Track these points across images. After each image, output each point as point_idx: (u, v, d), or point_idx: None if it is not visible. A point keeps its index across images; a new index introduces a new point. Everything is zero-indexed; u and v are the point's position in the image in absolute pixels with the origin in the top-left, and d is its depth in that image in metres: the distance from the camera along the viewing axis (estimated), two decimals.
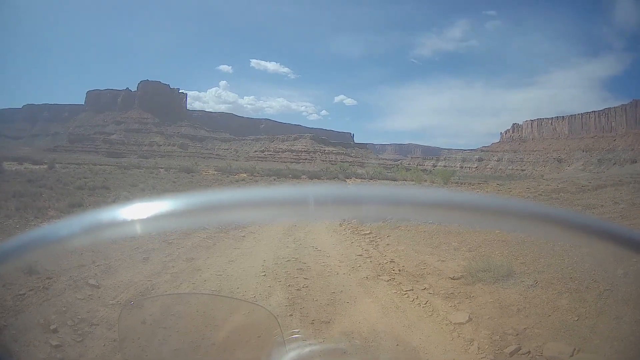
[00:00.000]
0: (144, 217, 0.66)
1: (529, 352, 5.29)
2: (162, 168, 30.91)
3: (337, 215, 0.71)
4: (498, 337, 5.81)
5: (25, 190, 18.00)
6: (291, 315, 6.67)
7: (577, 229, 0.59)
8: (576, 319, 5.85)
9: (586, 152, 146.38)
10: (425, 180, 36.02)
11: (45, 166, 27.95)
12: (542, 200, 22.11)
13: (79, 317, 6.30)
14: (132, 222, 0.67)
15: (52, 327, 5.83)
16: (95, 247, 9.56)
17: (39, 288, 7.16)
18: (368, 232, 13.28)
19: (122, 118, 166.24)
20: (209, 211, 0.66)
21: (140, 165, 31.66)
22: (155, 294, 7.37)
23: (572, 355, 4.95)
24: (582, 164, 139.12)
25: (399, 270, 9.12)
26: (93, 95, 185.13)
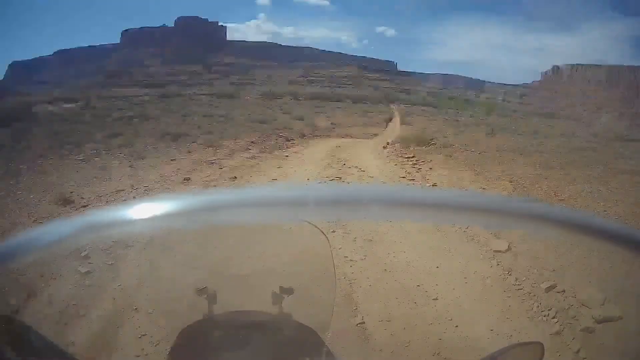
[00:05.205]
0: None
1: (564, 291, 5.13)
2: (204, 95, 30.72)
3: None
4: (535, 271, 5.67)
5: (60, 129, 17.41)
6: (334, 231, 6.59)
7: (578, 228, 0.55)
8: (610, 266, 5.62)
9: (622, 103, 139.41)
10: (468, 110, 35.17)
11: (81, 103, 27.95)
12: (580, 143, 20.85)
13: (113, 239, 6.29)
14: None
15: (82, 254, 5.72)
16: (134, 172, 9.72)
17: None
18: (411, 155, 12.98)
19: (159, 53, 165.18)
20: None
21: (181, 93, 31.50)
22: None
23: (602, 304, 4.77)
24: (618, 115, 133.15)
25: None
26: (128, 35, 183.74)
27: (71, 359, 1.12)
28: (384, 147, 14.62)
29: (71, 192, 8.18)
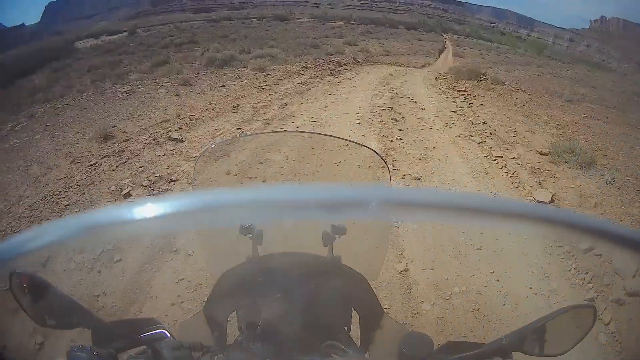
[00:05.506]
0: None
1: (601, 255, 5.06)
2: (254, 18, 30.01)
3: None
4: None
5: (103, 62, 17.07)
6: (383, 167, 6.59)
7: (578, 229, 0.56)
8: None
9: None
10: (519, 48, 33.57)
11: (126, 33, 26.90)
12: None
13: (157, 175, 6.09)
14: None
15: (123, 192, 5.59)
16: (181, 100, 9.75)
17: (114, 153, 6.90)
18: (463, 89, 12.77)
19: None
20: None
21: (231, 17, 30.75)
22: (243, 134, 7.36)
23: (634, 276, 4.68)
24: None
25: (490, 134, 8.72)
26: None
27: (94, 319, 1.03)
28: (436, 79, 14.42)
29: (113, 127, 8.00)
